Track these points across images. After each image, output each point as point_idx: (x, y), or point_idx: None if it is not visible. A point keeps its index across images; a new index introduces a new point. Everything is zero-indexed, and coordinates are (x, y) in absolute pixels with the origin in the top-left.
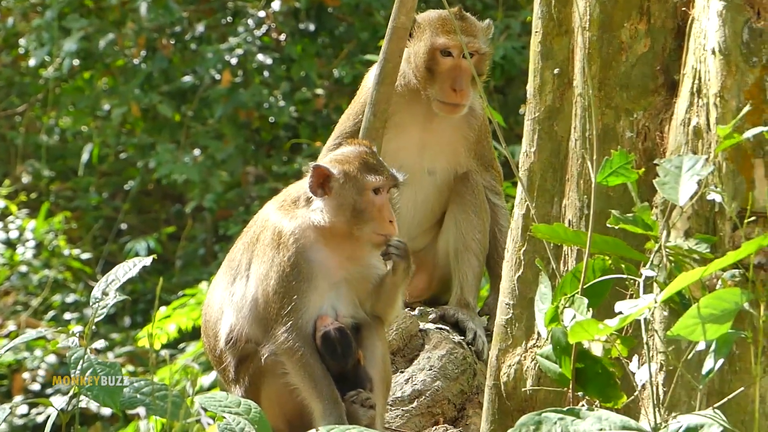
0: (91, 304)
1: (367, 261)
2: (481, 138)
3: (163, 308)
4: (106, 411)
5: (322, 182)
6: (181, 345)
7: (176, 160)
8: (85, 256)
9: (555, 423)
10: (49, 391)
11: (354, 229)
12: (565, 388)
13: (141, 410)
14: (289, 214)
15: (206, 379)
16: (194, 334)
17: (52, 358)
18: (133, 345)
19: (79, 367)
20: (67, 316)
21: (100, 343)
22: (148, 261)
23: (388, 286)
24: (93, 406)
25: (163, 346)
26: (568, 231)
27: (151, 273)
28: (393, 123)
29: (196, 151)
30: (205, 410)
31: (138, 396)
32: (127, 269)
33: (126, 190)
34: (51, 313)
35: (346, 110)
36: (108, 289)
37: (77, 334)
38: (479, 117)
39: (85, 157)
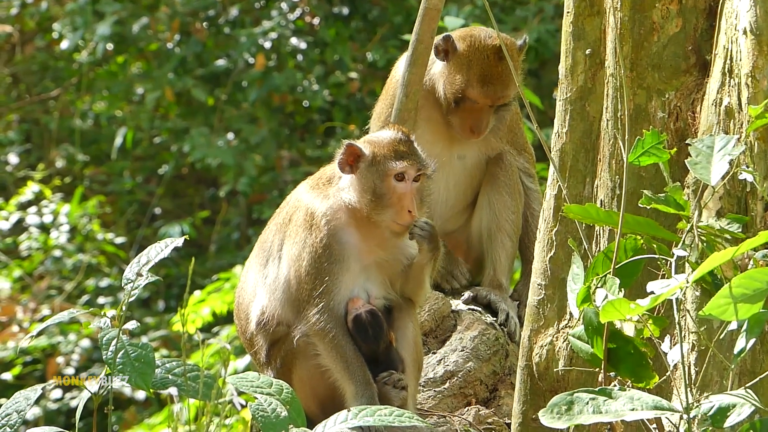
0: (123, 285)
1: (397, 244)
2: (513, 124)
3: (197, 292)
4: (140, 395)
5: (352, 161)
6: (215, 329)
7: (210, 144)
8: (119, 240)
9: (587, 403)
10: (83, 375)
11: (372, 213)
12: (597, 369)
13: (173, 391)
14: (321, 193)
15: (240, 363)
16: (228, 318)
17: (86, 342)
18: (167, 329)
19: (111, 348)
20: (101, 300)
21: (132, 324)
22: (180, 242)
23: (416, 267)
24: (127, 390)
25: (198, 330)
26: (600, 211)
27: (185, 257)
28: (422, 118)
29: (230, 135)
30: (239, 392)
31: (170, 377)
32: (159, 250)
33: (160, 174)
34: (85, 298)
35: (380, 97)
36: (141, 270)
37: (110, 316)
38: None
39: (118, 141)
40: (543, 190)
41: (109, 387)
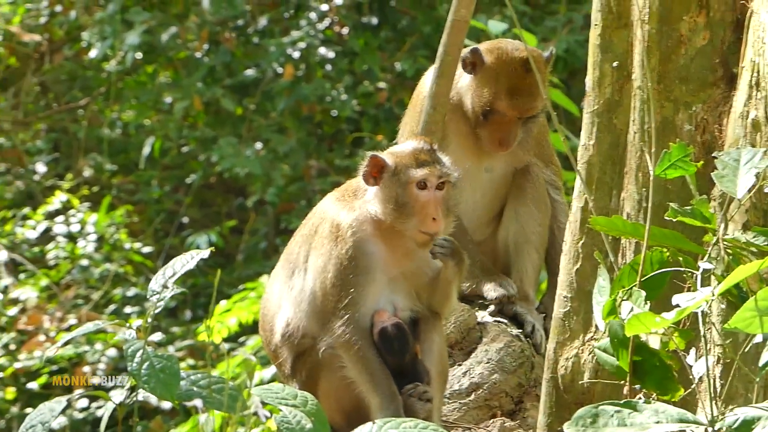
0: (148, 296)
1: (423, 256)
2: (541, 137)
3: (224, 302)
4: (167, 405)
5: (376, 173)
6: (242, 339)
7: (238, 154)
8: (147, 249)
9: (612, 416)
10: (109, 385)
11: (397, 222)
12: (623, 381)
13: (198, 403)
14: (347, 205)
15: (266, 373)
16: (255, 327)
17: (112, 352)
18: (194, 339)
19: (136, 359)
20: (127, 309)
21: (157, 336)
22: (206, 254)
23: (442, 281)
24: (153, 399)
25: (224, 340)
26: (626, 223)
27: (213, 267)
28: (450, 131)
29: (258, 145)
30: (263, 404)
31: (194, 389)
32: (185, 261)
33: (188, 183)
34: (112, 307)
35: (407, 111)
36: (167, 282)
37: (135, 327)
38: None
39: (147, 150)
40: (568, 201)
41: (135, 398)
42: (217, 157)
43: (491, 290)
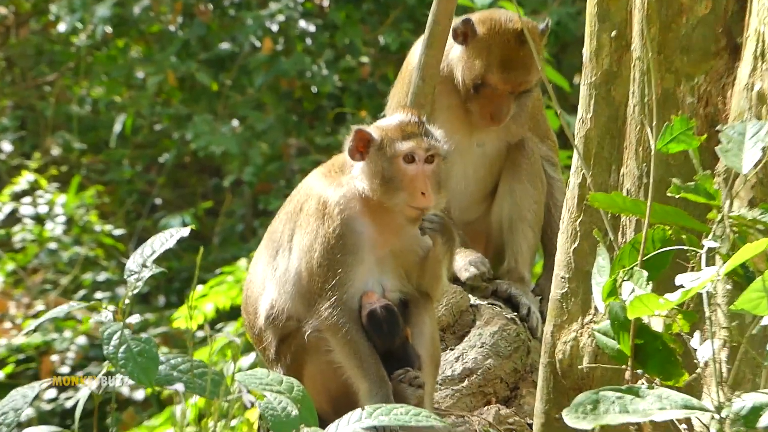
0: (126, 277)
1: (413, 234)
2: (535, 111)
3: (200, 287)
4: (139, 395)
5: (362, 147)
6: (219, 325)
7: (214, 132)
8: (118, 232)
9: (613, 402)
10: (79, 374)
11: (385, 198)
12: (624, 366)
13: (179, 387)
14: (334, 181)
15: (245, 361)
16: (232, 314)
17: (82, 340)
18: (168, 326)
19: (113, 342)
20: (98, 295)
21: (135, 318)
22: (185, 232)
23: (432, 260)
24: (125, 390)
25: (200, 327)
26: (626, 200)
27: (187, 250)
28: (440, 105)
29: (235, 122)
30: (247, 389)
31: (175, 373)
32: (163, 240)
33: (161, 162)
34: (81, 293)
35: (395, 83)
36: (145, 261)
37: (112, 310)
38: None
39: (118, 128)
40: (566, 179)
41: (110, 384)
42: (191, 135)
43: (463, 270)
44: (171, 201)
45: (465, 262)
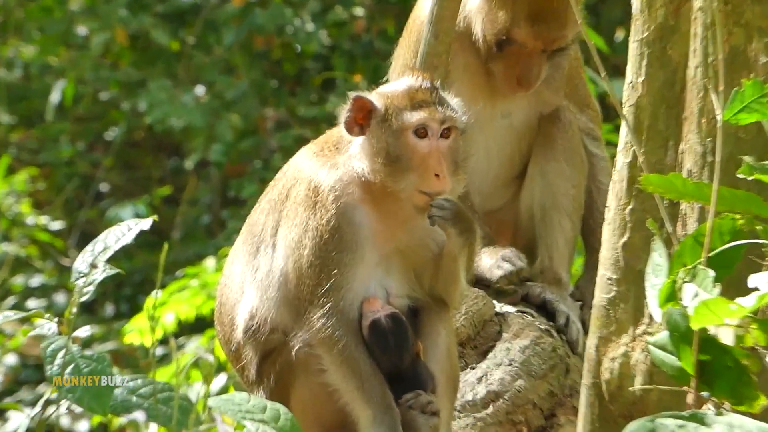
0: (73, 280)
1: (425, 226)
2: (573, 73)
3: (156, 293)
4: (83, 427)
5: (362, 118)
6: (180, 340)
7: (173, 101)
8: (56, 225)
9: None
10: (7, 400)
11: (390, 182)
12: (686, 387)
13: (139, 416)
14: (328, 162)
15: (214, 384)
16: (198, 325)
17: (11, 359)
18: (118, 341)
19: (57, 361)
20: (31, 303)
21: (84, 331)
22: (147, 224)
23: (446, 258)
24: (65, 421)
25: (159, 342)
26: (687, 183)
27: (141, 247)
28: (456, 66)
29: (199, 89)
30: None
31: (134, 398)
32: (119, 235)
33: (108, 140)
34: (11, 300)
35: (400, 42)
36: (96, 261)
37: (55, 320)
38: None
39: (55, 97)
40: (612, 157)
41: (53, 413)
42: (145, 106)
43: (494, 267)
44: (120, 187)
45: (496, 258)
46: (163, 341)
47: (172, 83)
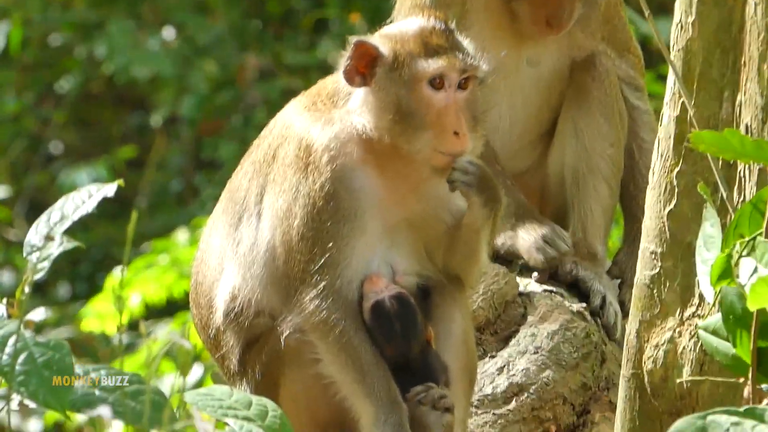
0: (25, 255)
1: (438, 193)
2: (611, 12)
3: (117, 270)
4: (34, 427)
5: (365, 67)
6: (148, 323)
7: (137, 47)
8: None
9: (727, 429)
10: None
11: (401, 141)
12: (741, 379)
13: (103, 412)
14: (321, 117)
15: (193, 374)
16: (169, 308)
17: None
18: (74, 327)
19: (8, 349)
20: None
21: (38, 314)
22: (111, 189)
23: (466, 229)
24: (14, 419)
25: (127, 328)
26: (745, 140)
27: (100, 217)
28: (475, 4)
29: (168, 32)
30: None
31: (97, 392)
32: (79, 202)
33: (60, 92)
34: None
35: None
36: (52, 232)
37: (3, 302)
38: None
39: None
40: (657, 111)
41: (5, 409)
42: (104, 52)
43: (533, 248)
44: (75, 147)
45: (535, 237)
46: (128, 327)
47: (135, 25)
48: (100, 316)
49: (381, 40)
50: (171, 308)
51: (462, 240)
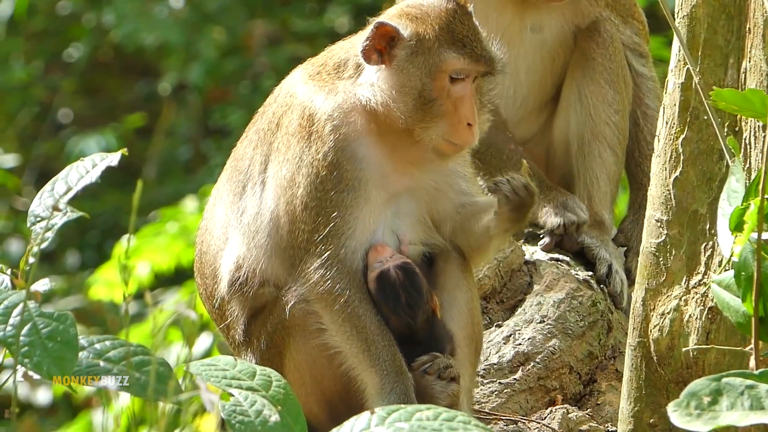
0: (29, 225)
1: (442, 167)
2: None
3: (126, 239)
4: (42, 397)
5: (383, 46)
6: (156, 294)
7: (145, 14)
8: (8, 161)
9: (741, 393)
10: None
11: (417, 126)
12: (750, 347)
13: (109, 383)
14: (326, 87)
15: (196, 347)
16: (177, 278)
17: None
18: (83, 296)
19: (12, 320)
20: None
21: (43, 284)
22: (115, 159)
23: (482, 230)
24: (22, 389)
25: (132, 298)
26: (767, 101)
27: (109, 186)
28: None
29: (176, 0)
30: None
31: (102, 363)
32: (83, 172)
33: (68, 61)
34: None
35: None
36: (57, 203)
37: (8, 272)
38: None
39: (4, 9)
40: (662, 77)
41: (9, 381)
42: (112, 20)
43: (551, 215)
44: (83, 115)
45: (555, 204)
46: (136, 296)
47: None
48: (108, 284)
49: (402, 20)
50: (180, 276)
51: (475, 233)
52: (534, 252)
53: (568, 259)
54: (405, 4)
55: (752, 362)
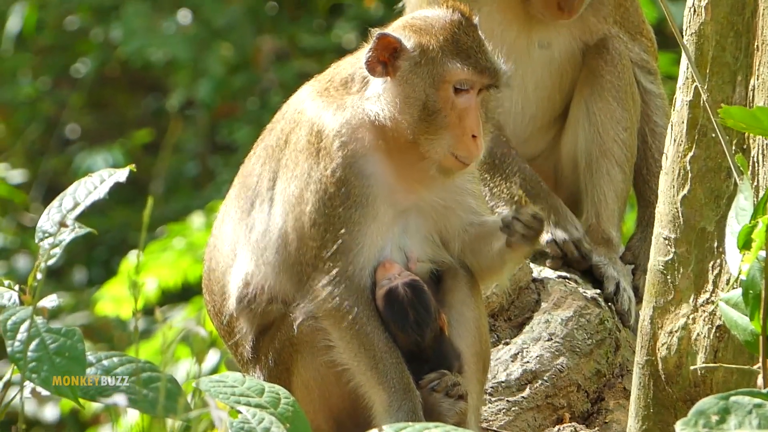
0: (37, 240)
1: (448, 185)
2: None
3: (133, 255)
4: (50, 413)
5: (387, 57)
6: (164, 309)
7: (153, 30)
8: (15, 176)
9: (750, 412)
10: None
11: (422, 138)
12: (757, 365)
13: (119, 401)
14: (334, 103)
15: (208, 362)
16: (184, 294)
17: None
18: (90, 312)
19: (19, 336)
20: None
21: (51, 301)
22: (123, 175)
23: (494, 254)
24: (29, 405)
25: (143, 313)
26: None
27: (116, 202)
28: None
29: (183, 15)
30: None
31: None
32: (91, 188)
33: (76, 76)
34: None
35: None
36: (64, 219)
37: (16, 288)
38: None
39: (13, 25)
40: (670, 94)
41: (16, 397)
42: (120, 35)
43: (544, 232)
44: (91, 131)
45: (550, 220)
46: (144, 312)
47: (151, 8)
48: (115, 300)
49: (405, 32)
50: (186, 293)
51: (484, 256)
52: (542, 270)
53: (575, 276)
54: (410, 17)
55: (760, 380)
